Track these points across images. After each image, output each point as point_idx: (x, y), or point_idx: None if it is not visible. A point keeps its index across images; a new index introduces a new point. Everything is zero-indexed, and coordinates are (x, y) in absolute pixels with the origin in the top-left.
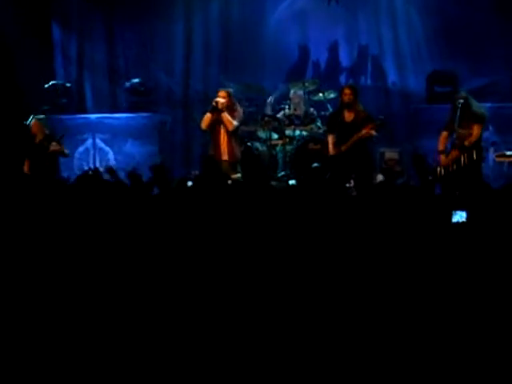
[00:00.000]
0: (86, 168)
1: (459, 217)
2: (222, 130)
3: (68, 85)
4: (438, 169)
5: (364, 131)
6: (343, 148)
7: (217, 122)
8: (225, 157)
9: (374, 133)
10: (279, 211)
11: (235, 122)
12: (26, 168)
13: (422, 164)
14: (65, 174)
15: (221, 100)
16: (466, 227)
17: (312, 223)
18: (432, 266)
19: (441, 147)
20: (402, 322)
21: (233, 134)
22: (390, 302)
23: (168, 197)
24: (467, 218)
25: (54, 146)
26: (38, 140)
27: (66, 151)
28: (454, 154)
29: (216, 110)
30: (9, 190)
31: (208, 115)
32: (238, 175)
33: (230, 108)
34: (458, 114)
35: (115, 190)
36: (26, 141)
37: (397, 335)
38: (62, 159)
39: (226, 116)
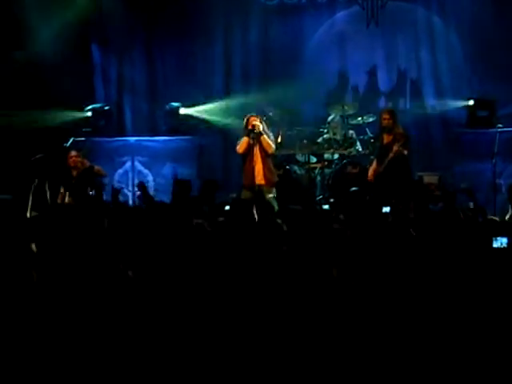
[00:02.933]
0: (126, 191)
1: (500, 243)
2: (257, 155)
3: (106, 108)
4: None
5: (394, 149)
6: (381, 169)
7: (251, 147)
8: (261, 181)
9: (400, 148)
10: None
11: (274, 146)
12: (60, 199)
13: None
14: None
15: (257, 123)
16: (506, 253)
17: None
18: (471, 290)
19: None
20: (444, 345)
21: (269, 158)
22: (427, 326)
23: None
24: (508, 244)
25: (81, 165)
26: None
27: (97, 167)
28: None
29: (253, 134)
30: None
31: (246, 139)
32: (272, 195)
33: (265, 132)
34: None
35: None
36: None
37: (442, 360)
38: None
39: (265, 139)
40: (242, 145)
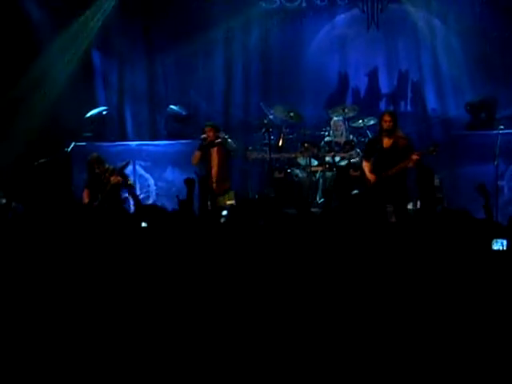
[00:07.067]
0: (125, 195)
1: (500, 245)
2: (213, 163)
3: (104, 112)
4: None
5: (410, 162)
6: (384, 174)
7: (206, 157)
8: (215, 187)
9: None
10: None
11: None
12: (85, 197)
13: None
14: None
15: (208, 135)
16: (506, 255)
17: (350, 249)
18: (470, 291)
19: None
20: (447, 349)
21: (224, 164)
22: (426, 327)
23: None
24: (508, 247)
25: (114, 179)
26: (97, 171)
27: (130, 181)
28: None
29: (204, 146)
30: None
31: (197, 153)
32: (233, 202)
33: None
34: None
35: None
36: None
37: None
38: None
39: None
40: (194, 158)
